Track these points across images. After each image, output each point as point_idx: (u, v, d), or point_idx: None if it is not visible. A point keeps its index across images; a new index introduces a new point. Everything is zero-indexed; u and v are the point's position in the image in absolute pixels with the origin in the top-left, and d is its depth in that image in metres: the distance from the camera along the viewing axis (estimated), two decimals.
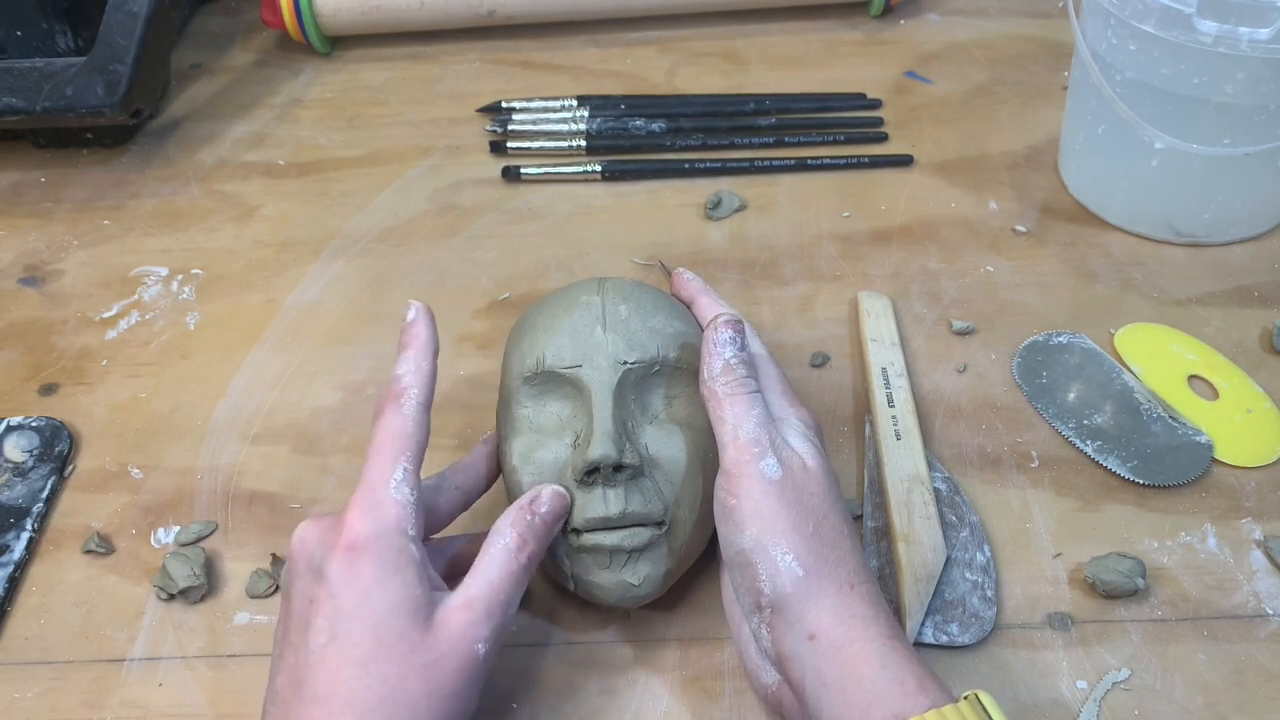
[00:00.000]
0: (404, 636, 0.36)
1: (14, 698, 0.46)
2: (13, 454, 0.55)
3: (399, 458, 0.39)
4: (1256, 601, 0.47)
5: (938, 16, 0.84)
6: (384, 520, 0.38)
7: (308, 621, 0.37)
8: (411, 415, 0.41)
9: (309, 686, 0.35)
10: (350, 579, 0.36)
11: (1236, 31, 0.52)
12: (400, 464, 0.39)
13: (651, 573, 0.43)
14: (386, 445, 0.40)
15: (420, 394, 0.41)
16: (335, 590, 0.36)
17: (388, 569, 0.37)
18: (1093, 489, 0.51)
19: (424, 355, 0.42)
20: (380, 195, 0.70)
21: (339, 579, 0.37)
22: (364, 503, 0.38)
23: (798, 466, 0.40)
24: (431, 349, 0.43)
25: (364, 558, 0.37)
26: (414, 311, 0.44)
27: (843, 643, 0.37)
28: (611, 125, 0.73)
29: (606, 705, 0.44)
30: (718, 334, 0.43)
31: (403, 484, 0.39)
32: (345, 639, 0.36)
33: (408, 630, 0.36)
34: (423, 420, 0.41)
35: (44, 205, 0.71)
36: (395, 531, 0.38)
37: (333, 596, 0.36)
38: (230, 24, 0.87)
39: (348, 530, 0.37)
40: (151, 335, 0.61)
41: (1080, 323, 0.59)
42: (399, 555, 0.37)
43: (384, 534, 0.37)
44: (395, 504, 0.38)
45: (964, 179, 0.69)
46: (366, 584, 0.36)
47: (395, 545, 0.37)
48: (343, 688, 0.35)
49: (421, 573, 0.38)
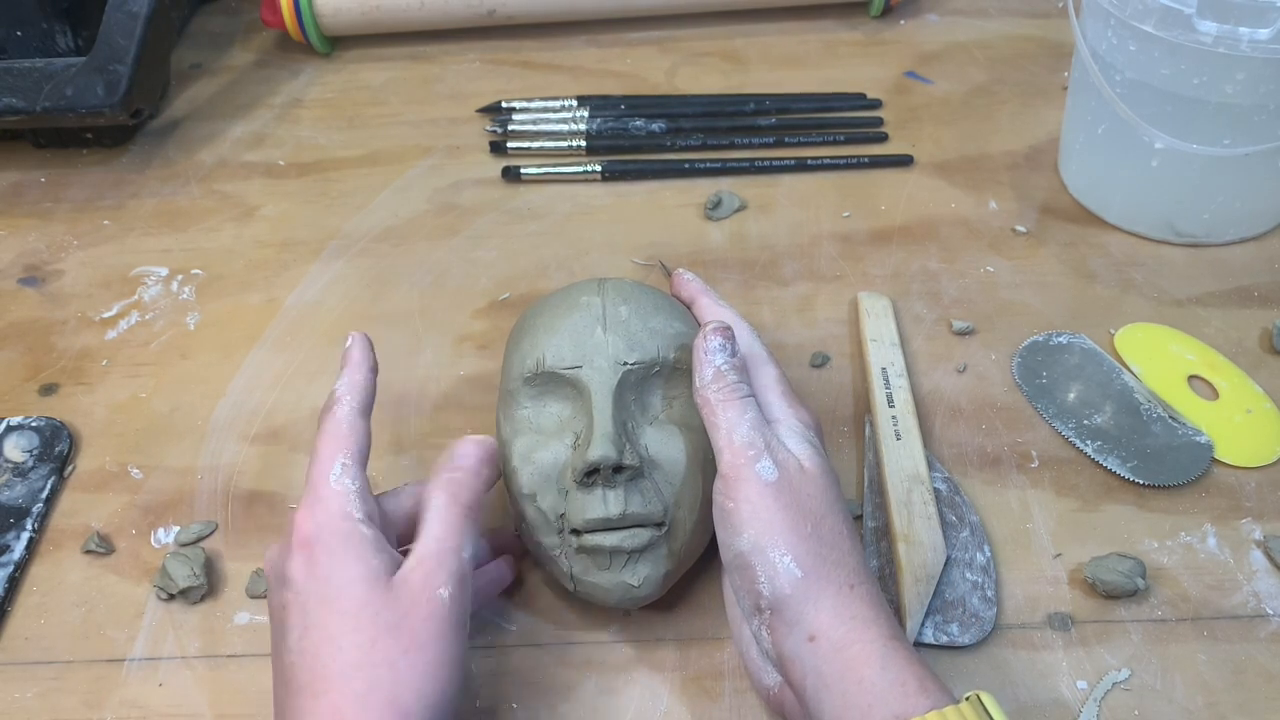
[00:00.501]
0: (367, 603, 0.37)
1: (14, 698, 0.46)
2: (13, 454, 0.55)
3: (335, 455, 0.40)
4: (1256, 601, 0.47)
5: (938, 16, 0.84)
6: (328, 510, 0.39)
7: (284, 625, 0.38)
8: (345, 419, 0.42)
9: (295, 680, 0.36)
10: (309, 572, 0.38)
11: (1236, 31, 0.52)
12: (338, 460, 0.40)
13: (651, 574, 0.43)
14: (323, 448, 0.41)
15: (354, 400, 0.42)
16: (299, 587, 0.38)
17: (338, 552, 0.38)
18: (1093, 489, 0.51)
19: (356, 370, 0.44)
20: (380, 195, 0.70)
21: (299, 575, 0.38)
22: (307, 502, 0.39)
23: (794, 468, 0.40)
24: (365, 365, 0.44)
25: (316, 549, 0.38)
26: (350, 339, 0.45)
27: (843, 644, 0.37)
28: (611, 125, 0.73)
29: (606, 705, 0.44)
30: (707, 341, 0.43)
31: (342, 476, 0.40)
32: (315, 626, 0.37)
33: (369, 596, 0.37)
34: (357, 424, 0.42)
35: (44, 205, 0.71)
36: (340, 516, 0.39)
37: (298, 594, 0.38)
38: (230, 24, 0.87)
39: (297, 530, 0.39)
40: (151, 335, 0.61)
41: (1080, 323, 0.59)
42: (348, 537, 0.38)
43: (329, 521, 0.38)
44: (336, 494, 0.39)
45: (964, 179, 0.69)
46: (324, 570, 0.37)
47: (342, 529, 0.38)
48: (320, 668, 0.36)
49: (376, 546, 0.38)
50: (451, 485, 0.41)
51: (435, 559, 0.38)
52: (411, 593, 0.37)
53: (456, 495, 0.40)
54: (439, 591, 0.38)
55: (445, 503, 0.40)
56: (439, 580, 0.38)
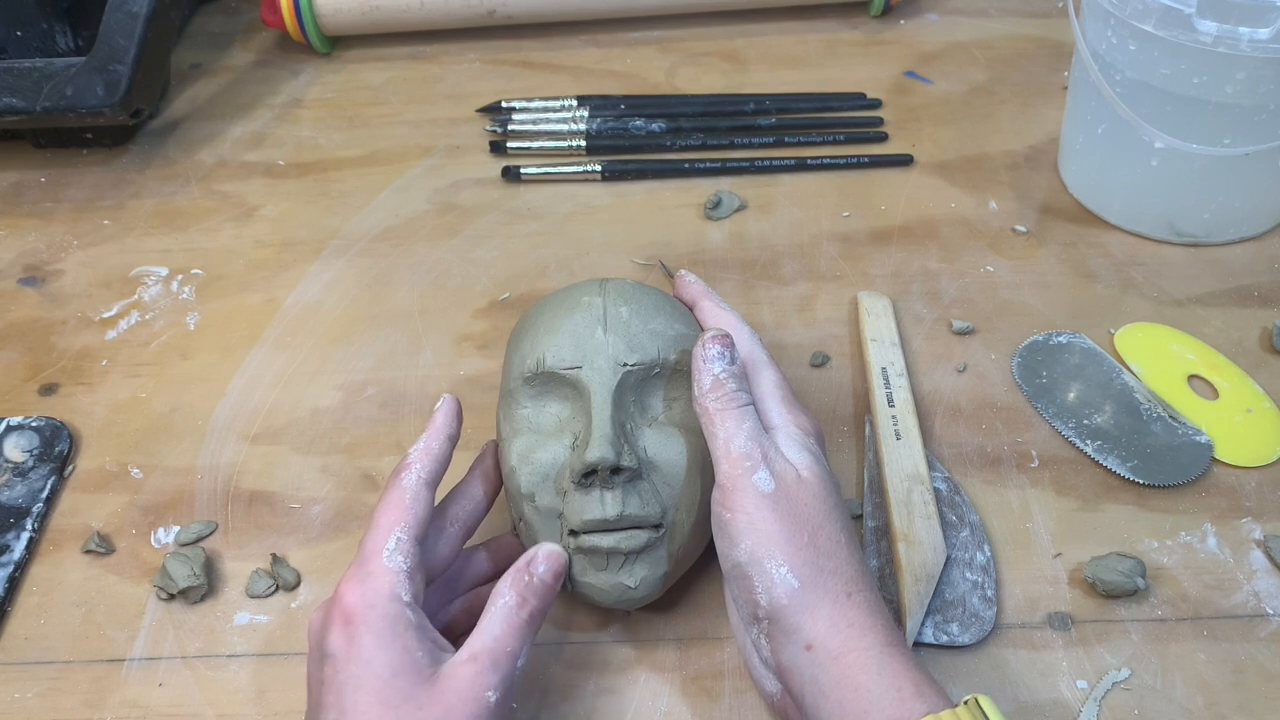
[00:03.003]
0: (410, 697, 0.36)
1: (14, 698, 0.46)
2: (13, 454, 0.55)
3: (393, 528, 0.40)
4: (1256, 601, 0.47)
5: (938, 16, 0.84)
6: (376, 589, 0.38)
7: (321, 702, 0.37)
8: (410, 488, 0.41)
9: None
10: (350, 651, 0.37)
11: (1236, 31, 0.52)
12: (394, 534, 0.40)
13: (648, 575, 0.43)
14: (382, 518, 0.40)
15: (424, 470, 0.42)
16: (339, 665, 0.37)
17: (385, 635, 0.37)
18: (1093, 489, 0.51)
19: (435, 438, 0.43)
20: (380, 195, 0.70)
21: (340, 652, 0.37)
22: (357, 574, 0.39)
23: (791, 478, 0.40)
24: (445, 434, 0.43)
25: (360, 628, 0.37)
26: (441, 402, 0.45)
27: (839, 652, 0.37)
28: (611, 125, 0.73)
29: (606, 705, 0.44)
30: (705, 349, 0.43)
31: (395, 553, 0.39)
32: (353, 711, 0.36)
33: (413, 690, 0.36)
34: (422, 494, 0.41)
35: (44, 205, 0.71)
36: (388, 598, 0.38)
37: (337, 672, 0.37)
38: (230, 24, 0.87)
39: (341, 603, 0.38)
40: (151, 335, 0.61)
41: (1080, 323, 0.59)
42: (395, 621, 0.37)
43: (377, 602, 0.38)
44: (387, 572, 0.38)
45: (964, 179, 0.69)
46: (366, 653, 0.37)
47: (389, 612, 0.37)
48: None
49: (421, 635, 0.38)
50: (525, 589, 0.40)
51: (490, 659, 0.38)
52: (458, 690, 0.36)
53: (526, 599, 0.40)
54: (486, 695, 0.37)
55: (514, 604, 0.39)
56: (489, 682, 0.37)
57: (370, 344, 0.60)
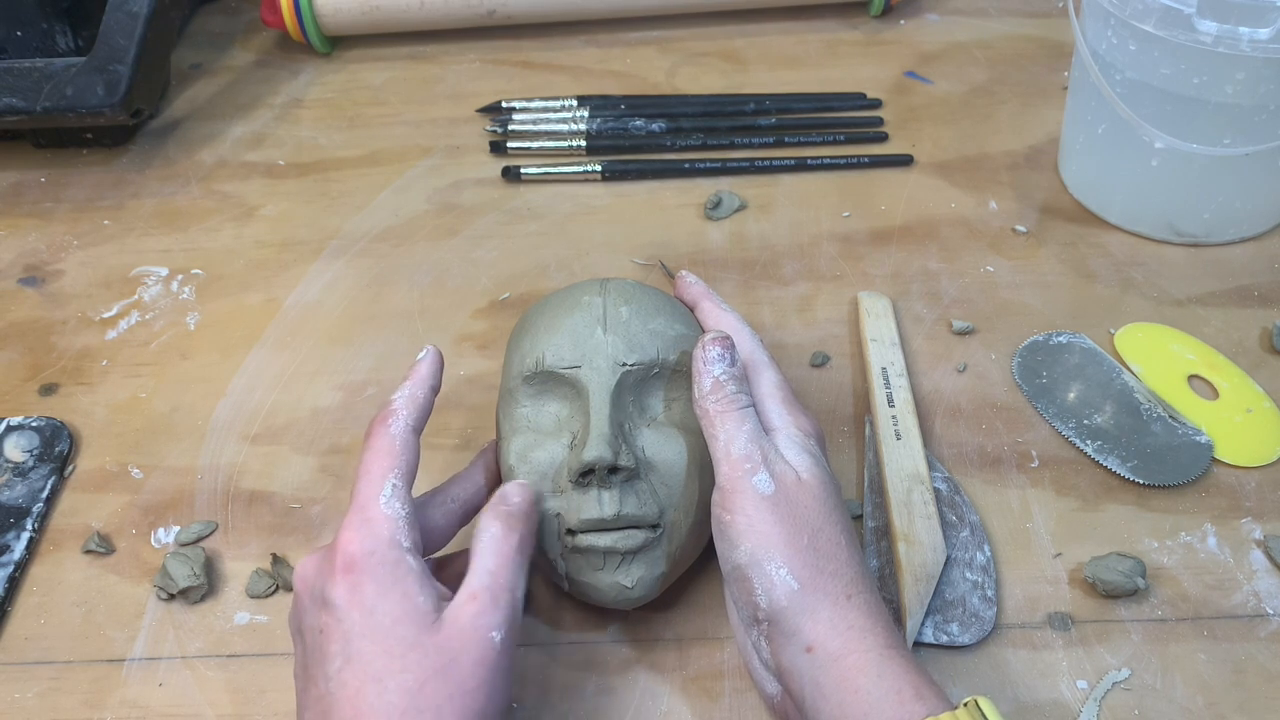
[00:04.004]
0: (416, 644, 0.36)
1: (14, 698, 0.46)
2: (13, 454, 0.55)
3: (387, 474, 0.39)
4: (1256, 601, 0.47)
5: (938, 16, 0.84)
6: (376, 536, 0.38)
7: (322, 651, 0.37)
8: (399, 435, 0.41)
9: (333, 713, 0.35)
10: (353, 599, 0.36)
11: (1236, 31, 0.52)
12: (389, 480, 0.39)
13: (645, 575, 0.43)
14: (374, 465, 0.40)
15: (409, 417, 0.42)
16: (341, 614, 0.36)
17: (387, 582, 0.37)
18: (1093, 489, 0.51)
19: (419, 386, 0.43)
20: (380, 195, 0.70)
21: (342, 601, 0.37)
22: (355, 522, 0.38)
23: (791, 480, 0.40)
24: (429, 384, 0.43)
25: (362, 576, 0.37)
26: (424, 352, 0.45)
27: (839, 654, 0.37)
28: (611, 125, 0.73)
29: (606, 705, 0.44)
30: (706, 351, 0.43)
31: (392, 499, 0.39)
32: (359, 659, 0.36)
33: (419, 637, 0.36)
34: (411, 441, 0.41)
35: (44, 205, 0.71)
36: (389, 545, 0.38)
37: (340, 621, 0.36)
38: (230, 24, 0.87)
39: (342, 552, 0.37)
40: (151, 335, 0.61)
41: (1080, 323, 0.59)
42: (396, 567, 0.37)
43: (378, 549, 0.37)
44: (386, 519, 0.38)
45: (964, 179, 0.69)
46: (369, 601, 0.36)
47: (391, 558, 0.37)
48: (365, 707, 0.35)
49: (423, 581, 0.37)
50: (506, 517, 0.40)
51: (489, 596, 0.37)
52: (461, 633, 0.36)
53: (511, 526, 0.40)
54: (490, 635, 0.36)
55: (501, 533, 0.39)
56: (492, 620, 0.37)
57: (370, 344, 0.60)
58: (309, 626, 0.38)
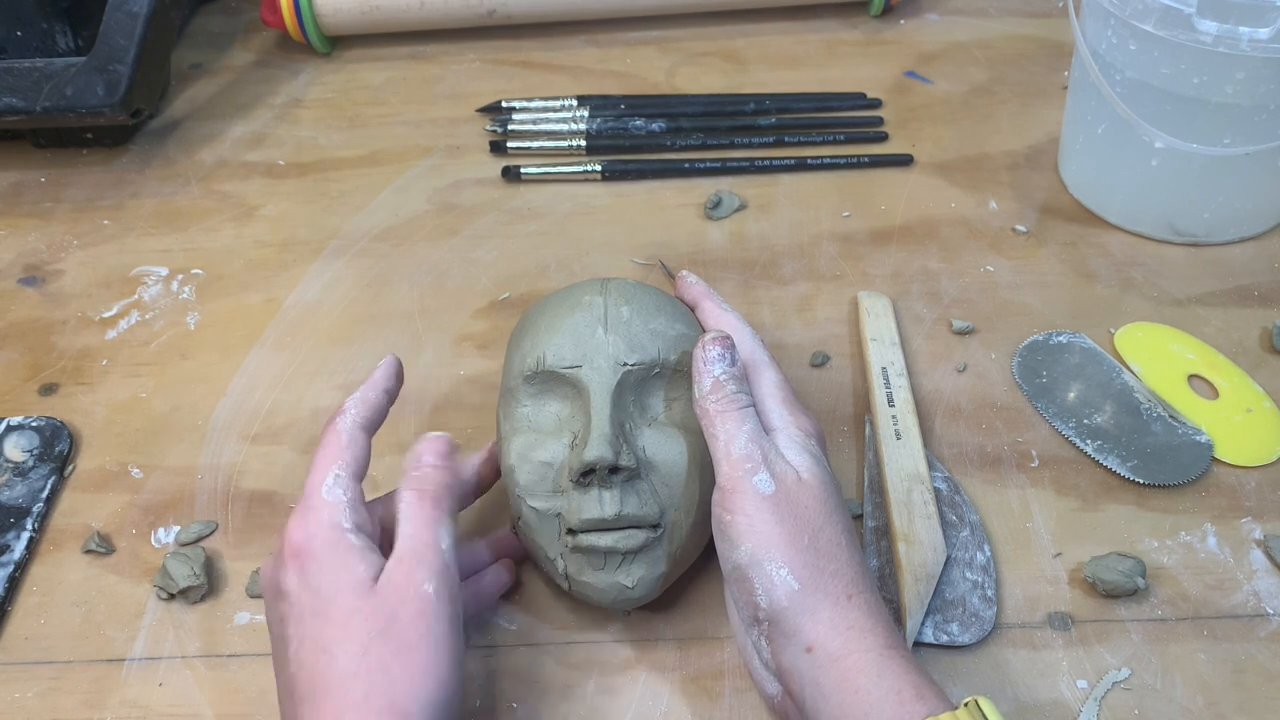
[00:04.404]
0: (356, 610, 0.37)
1: (14, 698, 0.46)
2: (13, 454, 0.55)
3: (330, 466, 0.41)
4: (1256, 601, 0.47)
5: (938, 16, 0.84)
6: (318, 521, 0.39)
7: (283, 638, 0.38)
8: (345, 431, 0.42)
9: (296, 691, 0.37)
10: (301, 583, 0.38)
11: (1236, 31, 0.52)
12: (331, 471, 0.40)
13: (646, 575, 0.43)
14: (320, 459, 0.41)
15: (358, 415, 0.43)
16: (293, 598, 0.38)
17: (329, 561, 0.38)
18: (1093, 489, 0.51)
19: (370, 388, 0.44)
20: (380, 195, 0.70)
21: (293, 587, 0.38)
22: (299, 512, 0.40)
23: (791, 480, 0.40)
24: (382, 387, 0.44)
25: (307, 560, 0.38)
26: (384, 360, 0.46)
27: (839, 654, 0.37)
28: (611, 125, 0.73)
29: (606, 705, 0.44)
30: (706, 351, 0.43)
31: (334, 487, 0.40)
32: (310, 636, 0.37)
33: (358, 603, 0.37)
34: (358, 437, 0.42)
35: (44, 205, 0.71)
36: (329, 527, 0.39)
37: (292, 605, 0.38)
38: (230, 24, 0.87)
39: (289, 540, 0.39)
40: (151, 335, 0.61)
41: (1080, 322, 0.59)
42: (336, 546, 0.38)
43: (318, 532, 0.39)
44: (326, 505, 0.40)
45: (964, 179, 0.69)
46: (314, 581, 0.38)
47: (331, 539, 0.39)
48: (319, 677, 0.36)
49: (364, 555, 0.39)
50: (416, 482, 0.41)
51: (413, 555, 0.39)
52: (397, 592, 0.37)
53: (423, 491, 0.41)
54: (423, 588, 0.38)
55: (414, 499, 0.40)
56: (421, 576, 0.38)
57: (370, 344, 0.60)
58: (272, 619, 0.40)
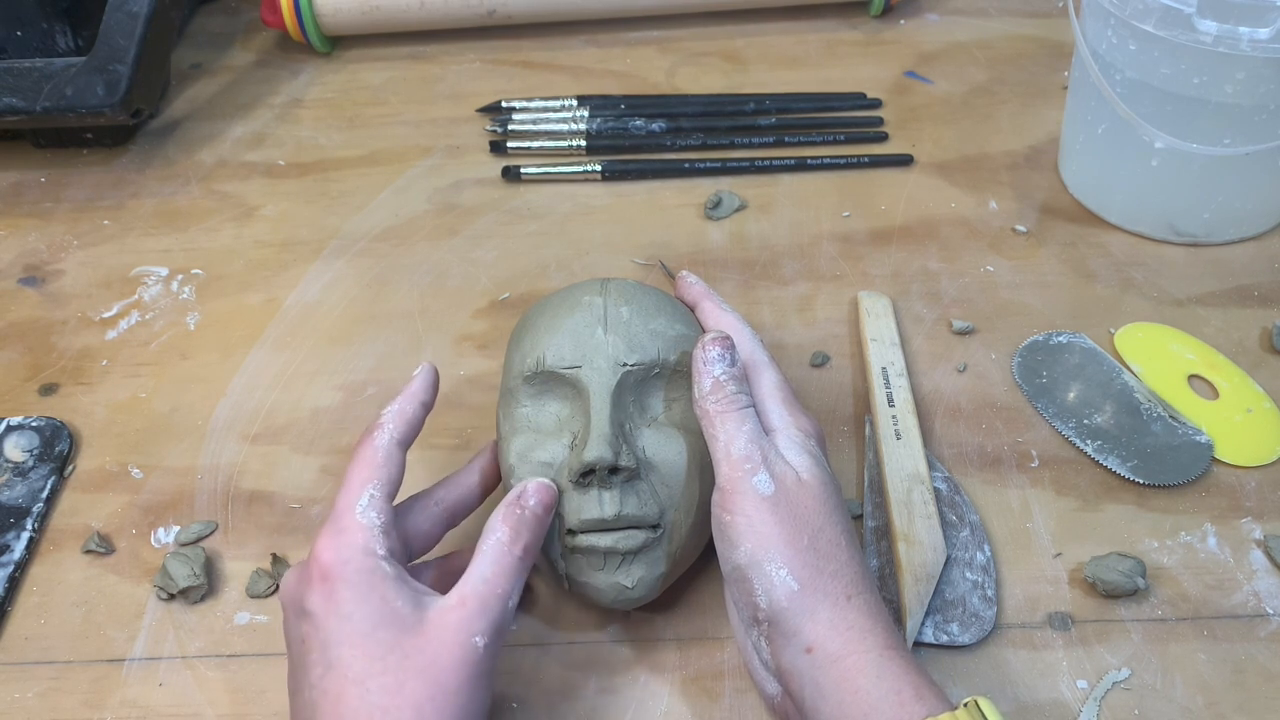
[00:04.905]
0: (394, 646, 0.36)
1: (14, 698, 0.46)
2: (13, 454, 0.55)
3: (365, 485, 0.40)
4: (1256, 601, 0.47)
5: (938, 16, 0.84)
6: (350, 545, 0.38)
7: (304, 660, 0.37)
8: (382, 447, 0.41)
9: (316, 717, 0.36)
10: (329, 607, 0.37)
11: (1236, 31, 0.52)
12: (366, 491, 0.40)
13: (645, 575, 0.43)
14: (354, 476, 0.40)
15: (395, 430, 0.42)
16: (319, 622, 0.37)
17: (362, 589, 0.37)
18: (1093, 489, 0.51)
19: (408, 401, 0.43)
20: (380, 195, 0.70)
21: (320, 610, 0.37)
22: (330, 532, 0.39)
23: (791, 480, 0.40)
24: (419, 399, 0.44)
25: (337, 584, 0.37)
26: (420, 369, 0.45)
27: (839, 655, 0.37)
28: (611, 125, 0.73)
29: (606, 705, 0.44)
30: (706, 352, 0.43)
31: (368, 509, 0.39)
32: (339, 665, 0.36)
33: (398, 639, 0.36)
34: (394, 454, 0.41)
35: (44, 205, 0.71)
36: (363, 553, 0.38)
37: (318, 629, 0.37)
38: (230, 24, 0.87)
39: (317, 561, 0.38)
40: (151, 335, 0.61)
41: (1080, 322, 0.59)
42: (371, 574, 0.38)
43: (352, 557, 0.38)
44: (360, 527, 0.39)
45: (964, 179, 0.69)
46: (346, 608, 0.37)
47: (365, 565, 0.38)
48: (348, 710, 0.35)
49: (400, 586, 0.38)
50: (517, 521, 0.40)
51: (479, 602, 0.37)
52: (443, 635, 0.36)
53: (519, 533, 0.40)
54: (475, 640, 0.37)
55: (507, 540, 0.39)
56: (476, 626, 0.37)
57: (370, 344, 0.60)
58: (293, 637, 0.39)
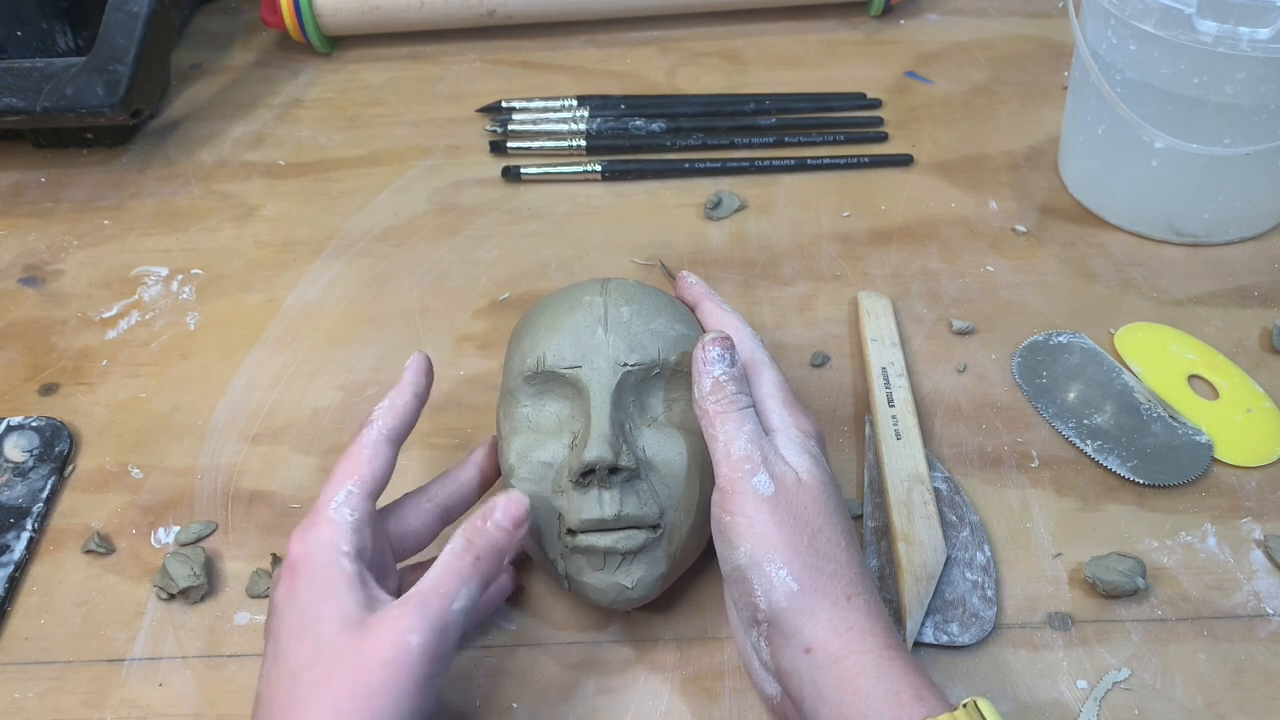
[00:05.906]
0: (331, 642, 0.36)
1: (14, 698, 0.46)
2: (13, 454, 0.55)
3: (346, 481, 0.40)
4: (1256, 601, 0.47)
5: (938, 16, 0.84)
6: (317, 539, 0.39)
7: (265, 650, 0.38)
8: (369, 443, 0.41)
9: (260, 710, 0.37)
10: (289, 600, 0.38)
11: (1236, 31, 0.52)
12: (345, 487, 0.40)
13: (645, 575, 0.43)
14: (339, 471, 0.41)
15: (385, 426, 0.42)
16: (279, 614, 0.38)
17: (318, 584, 0.38)
18: (1093, 489, 0.51)
19: (400, 395, 0.43)
20: (380, 195, 0.70)
21: (281, 603, 0.38)
22: (303, 526, 0.39)
23: (791, 481, 0.40)
24: (411, 391, 0.44)
25: (299, 579, 0.38)
26: (411, 359, 0.45)
27: (839, 655, 0.37)
28: (611, 125, 0.73)
29: (606, 705, 0.44)
30: (705, 352, 0.43)
31: (343, 505, 0.39)
32: (284, 656, 0.37)
33: (336, 635, 0.36)
34: (382, 449, 0.41)
35: (44, 205, 0.71)
36: (327, 547, 0.38)
37: (278, 620, 0.38)
38: (230, 24, 0.87)
39: (289, 552, 0.39)
40: (151, 335, 0.61)
41: (1080, 323, 0.59)
42: (329, 569, 0.38)
43: (315, 552, 0.38)
44: (330, 523, 0.39)
45: (964, 179, 0.69)
46: (300, 602, 0.37)
47: (325, 560, 0.38)
48: (280, 700, 0.36)
49: (355, 584, 0.38)
50: (474, 533, 0.40)
51: (418, 601, 0.37)
52: (380, 634, 0.36)
53: (473, 541, 0.39)
54: (408, 638, 0.36)
55: (460, 548, 0.39)
56: (413, 625, 0.36)
57: (370, 344, 0.60)
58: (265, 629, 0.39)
